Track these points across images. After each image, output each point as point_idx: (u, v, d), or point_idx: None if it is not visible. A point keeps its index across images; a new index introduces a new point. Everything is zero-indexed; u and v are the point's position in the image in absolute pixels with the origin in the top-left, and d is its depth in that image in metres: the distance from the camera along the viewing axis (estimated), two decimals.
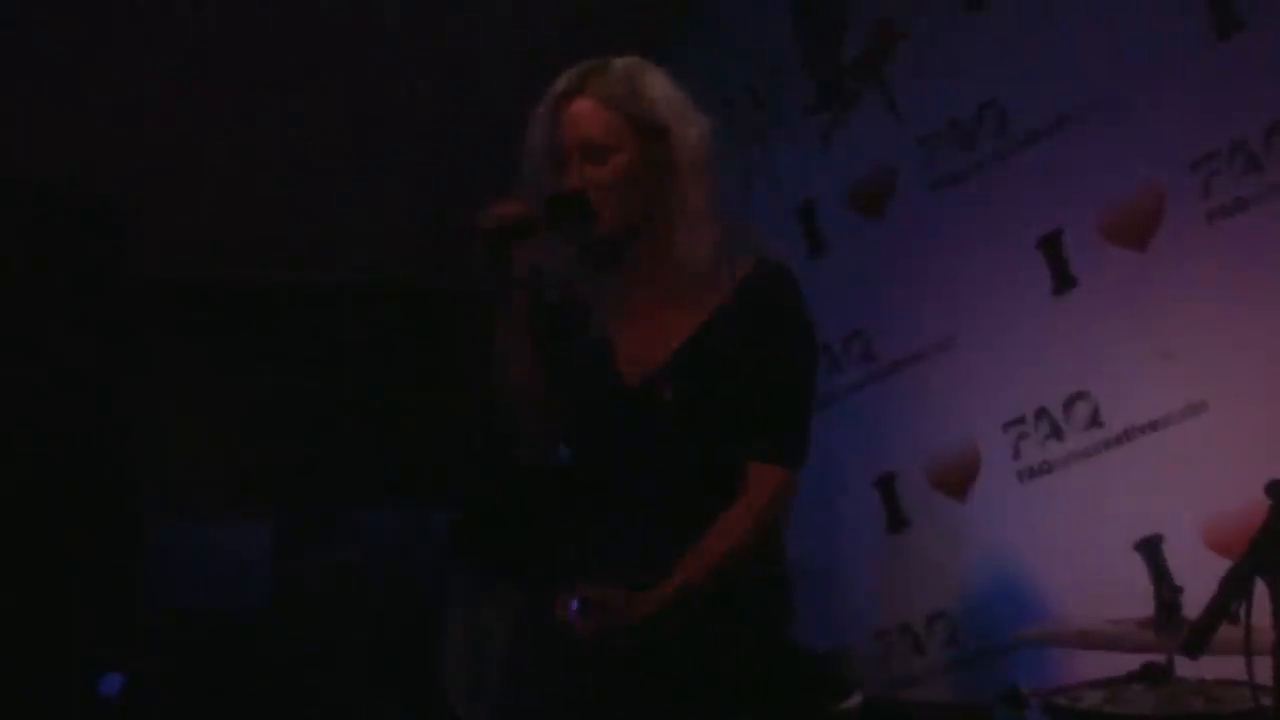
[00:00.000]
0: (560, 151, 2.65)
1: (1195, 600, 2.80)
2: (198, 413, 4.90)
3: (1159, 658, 3.18)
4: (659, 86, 2.69)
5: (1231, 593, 2.32)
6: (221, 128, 4.74)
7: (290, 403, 5.02)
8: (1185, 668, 3.10)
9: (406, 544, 4.89)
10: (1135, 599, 3.40)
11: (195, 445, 4.88)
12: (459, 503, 4.76)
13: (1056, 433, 4.29)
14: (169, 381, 4.78)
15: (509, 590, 4.33)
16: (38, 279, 4.35)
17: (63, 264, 4.41)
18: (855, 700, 3.68)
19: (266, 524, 4.91)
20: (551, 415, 2.75)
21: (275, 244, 4.95)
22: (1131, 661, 3.23)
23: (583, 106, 2.65)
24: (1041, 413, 4.32)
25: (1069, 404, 4.26)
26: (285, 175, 4.88)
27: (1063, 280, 4.30)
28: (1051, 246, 4.31)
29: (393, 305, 5.22)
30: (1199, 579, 2.82)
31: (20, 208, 4.35)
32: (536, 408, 2.73)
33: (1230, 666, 2.69)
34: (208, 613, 4.67)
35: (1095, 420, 4.21)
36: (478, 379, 2.76)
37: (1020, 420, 4.37)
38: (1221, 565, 2.39)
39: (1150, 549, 3.97)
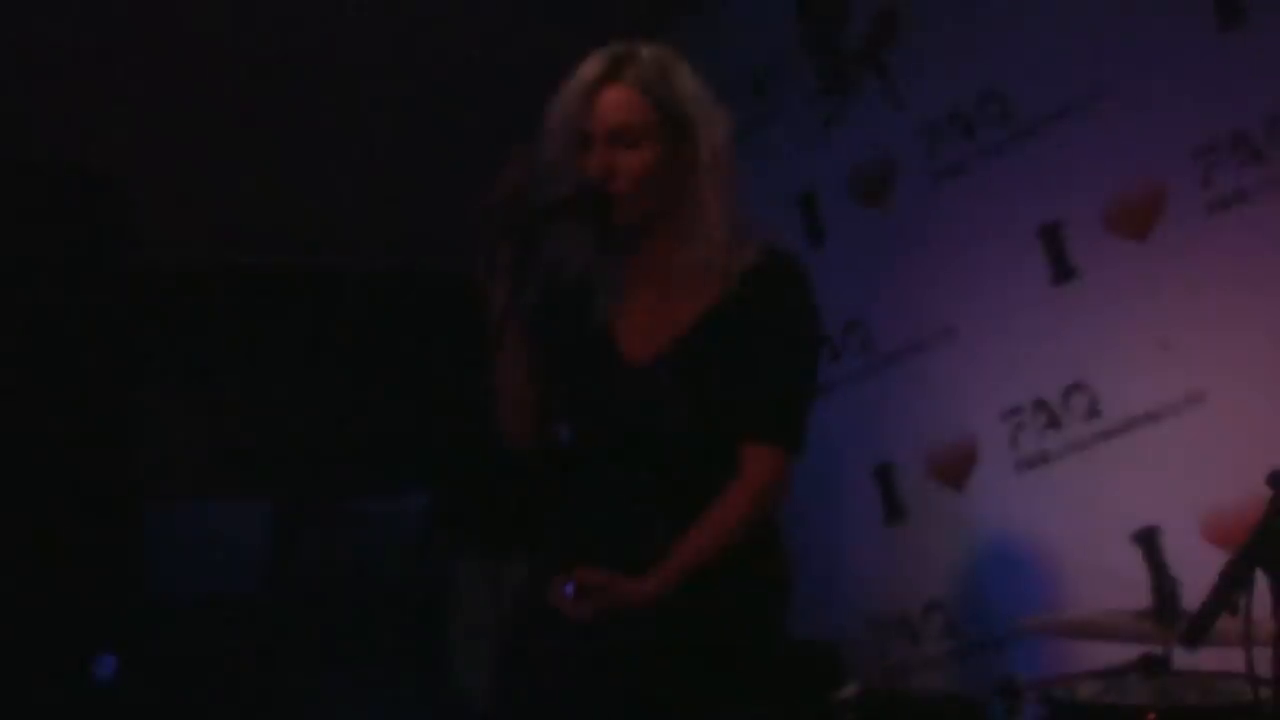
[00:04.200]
0: (589, 136, 2.64)
1: (1193, 592, 2.80)
2: (196, 396, 4.89)
3: (1156, 649, 3.18)
4: (689, 81, 2.70)
5: (1231, 584, 2.32)
6: (221, 111, 4.73)
7: (289, 387, 5.02)
8: (1183, 659, 3.10)
9: (404, 529, 4.88)
10: (1133, 590, 3.39)
11: (193, 429, 4.87)
12: (456, 486, 4.76)
13: (1055, 423, 4.28)
14: (167, 364, 4.78)
15: (508, 574, 4.33)
16: (36, 262, 4.34)
17: (62, 247, 4.40)
18: (852, 690, 3.68)
19: (264, 508, 4.91)
20: (539, 411, 2.76)
21: (276, 228, 4.94)
22: (1129, 652, 3.22)
23: (619, 94, 2.64)
24: (1040, 403, 4.31)
25: (1067, 394, 4.25)
26: (284, 160, 4.87)
27: (1062, 270, 4.29)
28: (1051, 236, 4.31)
29: (394, 290, 5.21)
30: (1197, 570, 2.81)
31: (19, 191, 4.34)
32: (527, 401, 2.74)
33: (1229, 658, 2.68)
34: (204, 596, 4.67)
35: (1094, 410, 4.20)
36: (478, 364, 2.76)
37: (1018, 410, 4.36)
38: (1219, 557, 2.38)
39: (1148, 540, 3.96)
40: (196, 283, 4.92)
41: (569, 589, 2.56)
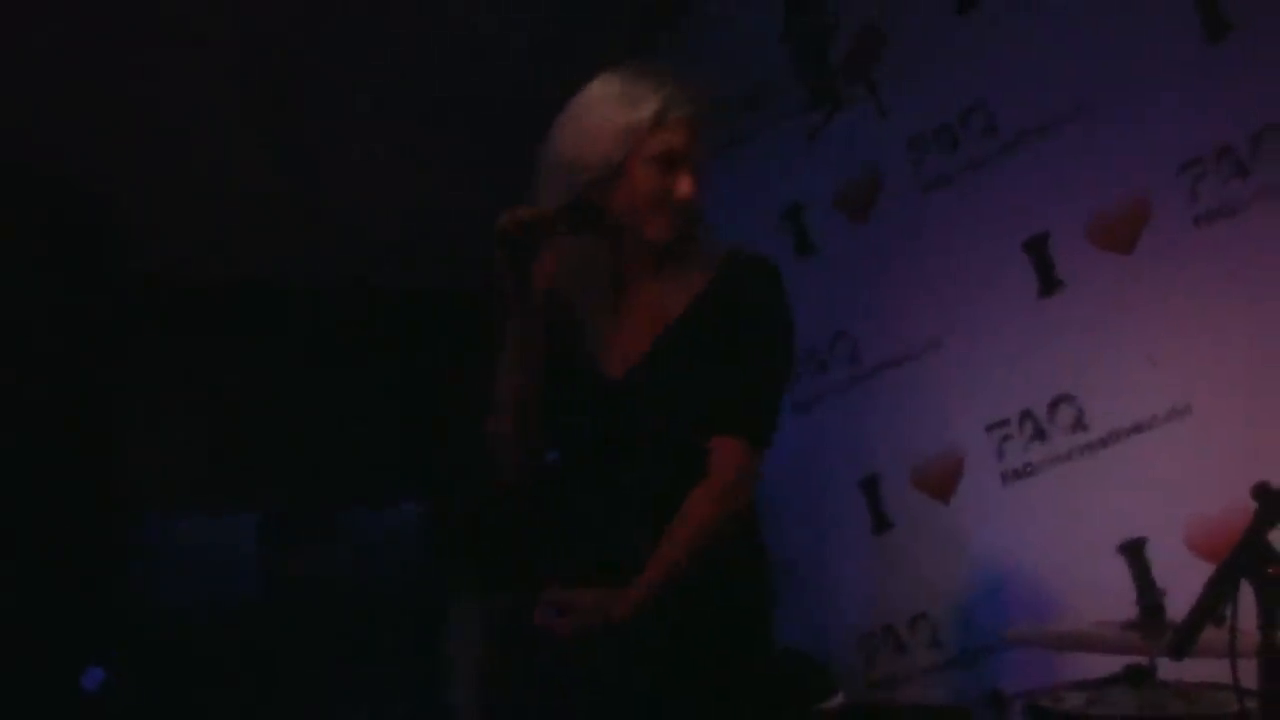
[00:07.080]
0: (680, 158, 2.67)
1: (1178, 603, 2.81)
2: (184, 408, 4.88)
3: (1142, 660, 3.19)
4: None
5: (1217, 595, 2.32)
6: (214, 123, 4.72)
7: (278, 399, 5.01)
8: (1167, 670, 3.11)
9: (392, 542, 4.88)
10: (1118, 601, 3.41)
11: (181, 440, 4.86)
12: (445, 502, 4.76)
13: (1040, 435, 4.29)
14: (155, 376, 4.77)
15: (494, 592, 4.33)
16: (29, 272, 4.33)
17: (52, 259, 4.40)
18: (837, 700, 3.69)
19: (252, 520, 4.90)
20: (537, 436, 2.76)
21: (266, 241, 4.93)
22: (1114, 663, 3.24)
23: (705, 128, 2.70)
24: (1026, 415, 4.33)
25: (1053, 406, 4.26)
26: (276, 172, 4.86)
27: (1049, 283, 4.30)
28: (1038, 249, 4.32)
29: (385, 304, 5.20)
30: (1182, 582, 2.83)
31: (11, 200, 4.33)
32: (527, 428, 2.74)
33: (1214, 669, 2.69)
34: (191, 608, 4.66)
35: (1079, 423, 4.21)
36: (470, 379, 2.77)
37: (1004, 422, 4.37)
38: (1204, 568, 2.40)
39: (1133, 551, 3.98)
40: (189, 294, 4.91)
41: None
